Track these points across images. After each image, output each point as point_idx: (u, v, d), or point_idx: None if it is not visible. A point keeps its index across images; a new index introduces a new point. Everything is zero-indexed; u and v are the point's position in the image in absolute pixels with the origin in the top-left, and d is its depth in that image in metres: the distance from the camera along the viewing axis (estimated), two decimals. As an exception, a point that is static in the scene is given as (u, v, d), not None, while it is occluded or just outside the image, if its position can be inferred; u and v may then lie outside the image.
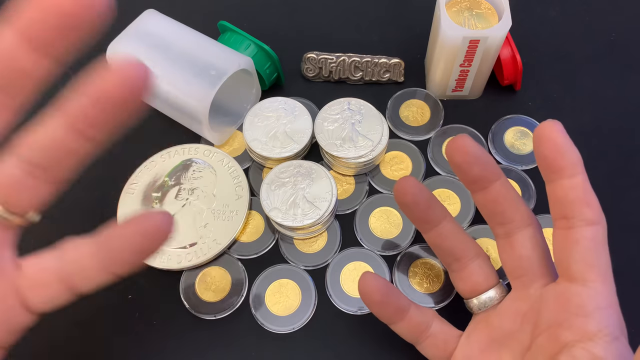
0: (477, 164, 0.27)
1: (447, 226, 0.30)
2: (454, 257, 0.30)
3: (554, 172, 0.25)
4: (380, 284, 0.29)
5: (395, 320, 0.30)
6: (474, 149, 0.27)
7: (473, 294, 0.30)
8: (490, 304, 0.30)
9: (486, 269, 0.30)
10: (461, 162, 0.27)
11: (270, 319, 0.35)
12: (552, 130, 0.25)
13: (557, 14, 0.45)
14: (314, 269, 0.36)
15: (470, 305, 0.31)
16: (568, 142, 0.25)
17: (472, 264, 0.30)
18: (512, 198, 0.28)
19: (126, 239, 0.23)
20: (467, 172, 0.27)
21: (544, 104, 0.41)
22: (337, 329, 0.35)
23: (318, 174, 0.37)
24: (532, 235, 0.28)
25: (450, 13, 0.37)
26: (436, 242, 0.30)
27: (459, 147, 0.27)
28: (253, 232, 0.37)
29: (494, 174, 0.28)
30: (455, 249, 0.30)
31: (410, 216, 0.30)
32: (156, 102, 0.40)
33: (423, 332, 0.30)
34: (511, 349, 0.27)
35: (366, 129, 0.38)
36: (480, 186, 0.28)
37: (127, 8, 0.45)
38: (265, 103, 0.39)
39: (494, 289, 0.30)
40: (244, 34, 0.40)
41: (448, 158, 0.28)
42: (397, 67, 0.42)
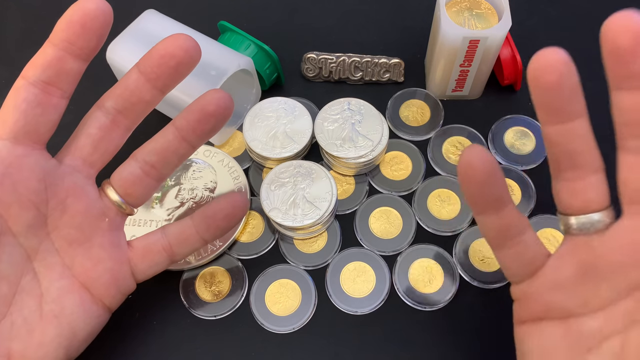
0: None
1: (581, 125, 0.24)
2: (574, 164, 0.24)
3: (633, 76, 0.21)
4: (488, 159, 0.24)
5: (489, 211, 0.25)
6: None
7: (578, 212, 0.24)
8: (594, 227, 0.24)
9: (604, 187, 0.24)
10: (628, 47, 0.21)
11: (270, 319, 0.35)
12: (631, 20, 0.20)
13: (557, 14, 0.45)
14: (314, 269, 0.36)
15: (568, 223, 0.25)
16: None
17: (591, 177, 0.24)
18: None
19: (218, 207, 0.31)
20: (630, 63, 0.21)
21: (544, 104, 0.41)
22: (337, 329, 0.35)
23: (318, 174, 0.37)
24: None
25: (450, 13, 0.37)
26: (561, 141, 0.24)
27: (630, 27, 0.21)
28: (253, 232, 0.37)
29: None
30: (580, 155, 0.24)
31: (542, 101, 0.24)
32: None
33: (513, 237, 0.25)
34: (614, 283, 0.23)
35: (366, 129, 0.38)
36: (635, 84, 0.22)
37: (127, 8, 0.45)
38: (265, 103, 0.39)
39: (605, 211, 0.24)
40: (244, 34, 0.40)
41: (607, 39, 0.22)
42: (397, 67, 0.42)
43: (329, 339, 0.34)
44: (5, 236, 0.26)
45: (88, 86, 0.44)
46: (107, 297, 0.30)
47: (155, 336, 0.35)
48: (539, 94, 0.23)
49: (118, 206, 0.30)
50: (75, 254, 0.29)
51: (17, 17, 0.47)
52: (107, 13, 0.26)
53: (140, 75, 0.27)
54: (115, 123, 0.29)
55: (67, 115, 0.42)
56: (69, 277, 0.28)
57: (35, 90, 0.26)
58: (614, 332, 0.23)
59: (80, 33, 0.26)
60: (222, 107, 0.29)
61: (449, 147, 0.40)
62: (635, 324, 0.23)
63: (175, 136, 0.29)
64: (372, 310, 0.35)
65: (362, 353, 0.34)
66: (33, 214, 0.27)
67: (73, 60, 0.26)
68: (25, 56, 0.45)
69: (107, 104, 0.28)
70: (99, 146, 0.29)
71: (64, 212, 0.28)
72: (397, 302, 0.35)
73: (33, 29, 0.46)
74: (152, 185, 0.30)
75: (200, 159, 0.39)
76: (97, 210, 0.29)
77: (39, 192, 0.27)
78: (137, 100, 0.28)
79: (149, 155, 0.29)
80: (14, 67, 0.45)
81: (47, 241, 0.28)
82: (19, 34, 0.46)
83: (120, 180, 0.29)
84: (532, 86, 0.23)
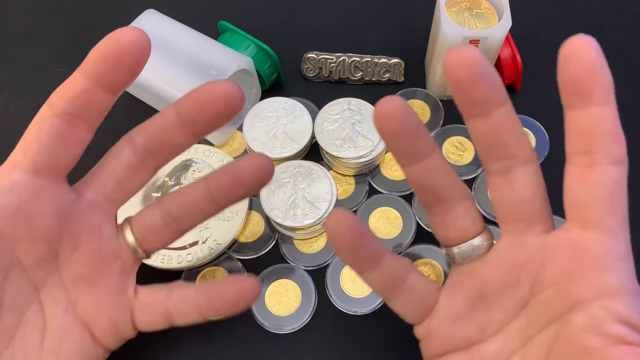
0: (484, 82, 0.22)
1: (434, 161, 0.24)
2: (438, 198, 0.25)
3: (582, 97, 0.21)
4: (353, 222, 0.24)
5: (366, 269, 0.26)
6: (482, 63, 0.21)
7: (457, 242, 0.25)
8: (476, 252, 0.25)
9: (473, 213, 0.25)
10: (465, 79, 0.21)
11: (270, 319, 0.35)
12: (586, 47, 0.21)
13: (557, 14, 0.45)
14: (314, 269, 0.36)
15: (452, 254, 0.26)
16: (603, 63, 0.21)
17: (458, 206, 0.25)
18: (517, 129, 0.23)
19: (224, 292, 0.28)
20: (470, 92, 0.22)
21: (544, 104, 0.41)
22: (337, 329, 0.35)
23: (318, 174, 0.37)
24: (534, 173, 0.24)
25: (450, 13, 0.37)
26: (419, 179, 0.25)
27: (465, 60, 0.21)
28: (253, 232, 0.37)
29: (501, 98, 0.22)
30: (441, 189, 0.25)
31: (392, 145, 0.24)
32: (156, 102, 0.40)
33: (398, 285, 0.26)
34: (504, 305, 0.24)
35: (366, 129, 0.38)
36: (482, 111, 0.22)
37: (127, 8, 0.45)
38: (265, 103, 0.39)
39: (481, 235, 0.25)
40: (244, 34, 0.40)
41: (447, 73, 0.22)
42: (397, 67, 0.42)
43: (329, 339, 0.34)
44: (14, 268, 0.26)
45: (88, 86, 0.44)
46: (106, 340, 0.29)
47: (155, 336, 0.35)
48: (387, 140, 0.24)
49: (133, 250, 0.29)
50: (81, 292, 0.28)
51: (17, 17, 0.47)
52: (144, 48, 0.24)
53: (176, 117, 0.26)
54: (143, 162, 0.27)
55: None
56: (72, 314, 0.28)
57: (61, 123, 0.25)
58: (513, 351, 0.24)
59: (114, 68, 0.24)
60: (260, 177, 0.26)
61: (449, 147, 0.40)
62: (529, 340, 0.23)
63: (205, 194, 0.27)
64: (372, 310, 0.35)
65: (362, 353, 0.34)
66: (45, 248, 0.26)
67: (103, 94, 0.25)
68: (25, 56, 0.45)
69: (138, 140, 0.27)
70: (123, 184, 0.27)
71: (76, 248, 0.27)
72: (397, 302, 0.35)
73: (33, 29, 0.46)
74: (170, 237, 0.29)
75: (200, 159, 0.39)
76: (110, 250, 0.28)
77: (54, 228, 0.26)
78: (170, 143, 0.26)
79: (174, 208, 0.28)
80: (14, 67, 0.45)
81: (56, 275, 0.27)
82: (19, 34, 0.46)
83: (140, 226, 0.28)
84: (380, 133, 0.24)
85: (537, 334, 0.23)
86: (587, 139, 0.22)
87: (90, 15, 0.47)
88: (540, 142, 0.40)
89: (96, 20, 0.46)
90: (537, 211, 0.24)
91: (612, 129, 0.22)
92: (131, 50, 0.24)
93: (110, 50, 0.24)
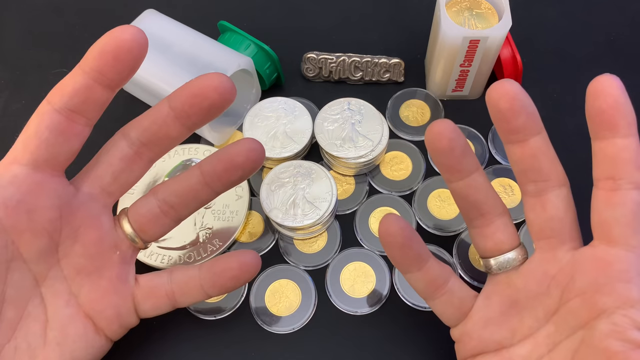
0: (523, 112, 0.25)
1: (478, 178, 0.27)
2: (480, 212, 0.28)
3: (608, 129, 0.24)
4: (404, 226, 0.27)
5: (412, 269, 0.28)
6: (522, 95, 0.25)
7: (494, 253, 0.28)
8: (511, 265, 0.28)
9: (511, 229, 0.28)
10: (507, 109, 0.25)
11: (270, 319, 0.35)
12: (612, 85, 0.24)
13: (557, 14, 0.45)
14: (314, 269, 0.36)
15: (489, 264, 0.28)
16: (627, 100, 0.24)
17: (497, 221, 0.28)
18: (551, 155, 0.26)
19: (227, 265, 0.30)
20: (511, 121, 0.25)
21: (544, 104, 0.41)
22: (337, 329, 0.35)
23: (318, 174, 0.37)
24: (566, 195, 0.26)
25: (450, 13, 0.37)
26: (464, 194, 0.28)
27: (507, 92, 0.25)
28: (253, 232, 0.37)
29: (537, 127, 0.25)
30: (483, 204, 0.27)
31: (441, 163, 0.27)
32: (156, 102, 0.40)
33: (439, 287, 0.28)
34: (534, 312, 0.26)
35: (366, 129, 0.38)
36: (520, 138, 0.25)
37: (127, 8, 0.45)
38: (265, 103, 0.39)
39: (517, 249, 0.28)
40: (244, 34, 0.40)
41: (491, 104, 0.25)
42: (397, 67, 0.42)
43: (329, 339, 0.34)
44: (15, 262, 0.26)
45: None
46: (109, 329, 0.29)
47: (155, 336, 0.35)
48: (436, 156, 0.27)
49: (131, 240, 0.29)
50: (83, 283, 0.28)
51: (17, 17, 0.47)
52: (142, 45, 0.25)
53: (170, 111, 0.27)
54: (139, 155, 0.28)
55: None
56: (74, 305, 0.28)
57: (60, 118, 0.25)
58: (541, 356, 0.26)
59: (113, 64, 0.25)
60: (252, 160, 0.28)
61: (449, 147, 0.40)
62: (556, 346, 0.25)
63: (200, 181, 0.28)
64: (372, 310, 0.35)
65: (362, 353, 0.34)
66: (45, 241, 0.27)
67: (102, 90, 0.25)
68: (25, 56, 0.45)
69: (132, 134, 0.28)
70: (120, 177, 0.28)
71: (76, 240, 0.28)
72: (397, 302, 0.35)
73: (33, 29, 0.46)
74: (168, 225, 0.30)
75: (200, 159, 0.39)
76: (109, 241, 0.29)
77: (54, 220, 0.27)
78: (164, 136, 0.27)
79: (170, 196, 0.29)
80: (14, 67, 0.45)
81: (57, 268, 0.28)
82: (19, 34, 0.46)
83: (137, 215, 0.29)
84: (429, 151, 0.27)
85: (564, 340, 0.25)
86: (612, 165, 0.24)
87: (90, 15, 0.47)
88: (540, 142, 0.40)
89: (96, 20, 0.46)
90: (567, 230, 0.26)
91: (635, 158, 0.24)
92: (129, 48, 0.24)
93: (109, 48, 0.24)
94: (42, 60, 0.45)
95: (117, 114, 0.42)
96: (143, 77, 0.38)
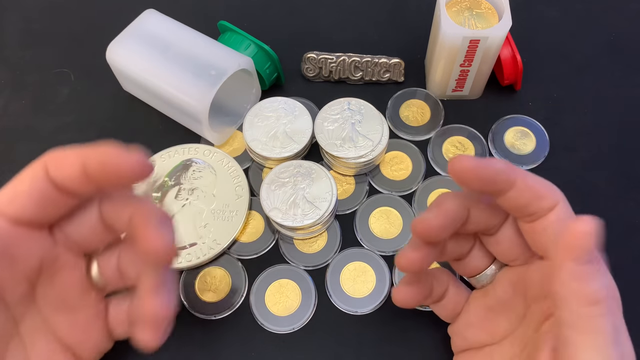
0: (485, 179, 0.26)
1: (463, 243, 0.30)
2: (461, 257, 0.31)
3: (499, 188, 0.26)
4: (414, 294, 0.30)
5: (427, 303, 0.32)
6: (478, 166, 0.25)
7: (475, 273, 0.31)
8: (489, 280, 0.31)
9: (483, 252, 0.31)
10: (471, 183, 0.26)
11: (270, 319, 0.35)
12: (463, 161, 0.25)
13: (557, 14, 0.45)
14: (314, 269, 0.36)
15: (471, 282, 0.32)
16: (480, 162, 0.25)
17: (471, 253, 0.31)
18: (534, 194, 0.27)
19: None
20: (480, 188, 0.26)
21: (544, 104, 0.41)
22: (337, 329, 0.35)
23: (318, 174, 0.37)
24: (511, 224, 0.29)
25: (450, 13, 0.37)
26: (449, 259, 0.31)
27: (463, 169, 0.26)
28: (253, 232, 0.37)
29: (507, 183, 0.26)
30: (463, 253, 0.30)
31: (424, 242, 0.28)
32: (156, 102, 0.40)
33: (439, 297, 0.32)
34: (508, 317, 0.29)
35: (366, 129, 0.38)
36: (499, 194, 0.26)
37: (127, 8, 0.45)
38: (265, 103, 0.39)
39: (492, 265, 0.31)
40: (244, 34, 0.40)
41: (456, 180, 0.26)
42: (397, 67, 0.42)
43: (329, 339, 0.34)
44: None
45: (88, 85, 0.44)
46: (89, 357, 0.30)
47: (155, 336, 0.35)
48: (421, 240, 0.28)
49: (102, 285, 0.30)
50: (61, 320, 0.29)
51: (17, 17, 0.47)
52: (145, 176, 0.25)
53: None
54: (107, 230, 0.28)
55: (68, 115, 0.42)
56: (53, 341, 0.29)
57: (53, 189, 0.25)
58: (514, 355, 0.28)
59: (110, 181, 0.25)
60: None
61: (449, 147, 0.40)
62: (526, 345, 0.28)
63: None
64: (372, 310, 0.35)
65: (362, 353, 0.34)
66: (25, 286, 0.27)
67: (94, 188, 0.26)
68: (25, 56, 0.45)
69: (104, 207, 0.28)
70: (96, 236, 0.28)
71: (53, 284, 0.28)
72: (397, 302, 0.35)
73: (33, 29, 0.46)
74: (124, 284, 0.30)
75: (200, 159, 0.39)
76: (84, 284, 0.29)
77: (35, 269, 0.27)
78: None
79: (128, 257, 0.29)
80: (14, 67, 0.45)
81: (34, 308, 0.28)
82: (19, 34, 0.46)
83: (105, 267, 0.30)
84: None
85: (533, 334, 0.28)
86: (521, 209, 0.26)
87: (90, 15, 0.47)
88: (540, 142, 0.40)
89: (96, 20, 0.46)
90: (521, 250, 0.29)
91: (534, 194, 0.26)
92: (133, 177, 0.25)
93: (115, 168, 0.25)
94: (42, 60, 0.45)
95: (117, 114, 0.42)
96: (143, 77, 0.38)
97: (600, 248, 0.24)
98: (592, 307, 0.23)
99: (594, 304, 0.23)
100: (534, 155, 0.39)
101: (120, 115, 0.42)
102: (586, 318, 0.23)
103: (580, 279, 0.23)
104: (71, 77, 0.44)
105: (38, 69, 0.44)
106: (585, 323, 0.23)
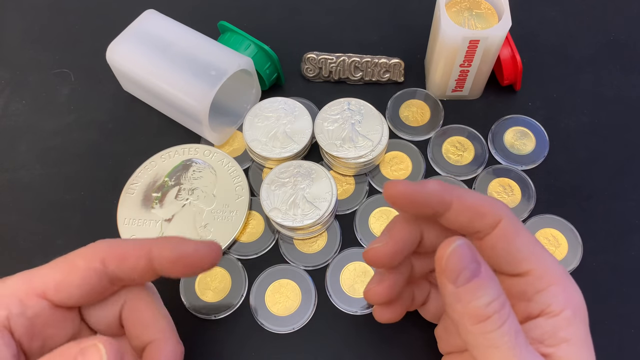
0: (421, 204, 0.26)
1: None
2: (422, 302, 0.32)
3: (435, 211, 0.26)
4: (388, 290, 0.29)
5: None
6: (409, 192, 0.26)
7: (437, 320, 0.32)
8: None
9: (437, 301, 0.32)
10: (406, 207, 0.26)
11: (270, 319, 0.35)
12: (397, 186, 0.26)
13: (557, 14, 0.45)
14: (314, 269, 0.36)
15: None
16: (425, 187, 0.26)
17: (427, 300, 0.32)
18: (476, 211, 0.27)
19: None
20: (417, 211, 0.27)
21: (544, 104, 0.41)
22: (337, 329, 0.35)
23: (318, 174, 0.37)
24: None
25: (450, 13, 0.37)
26: None
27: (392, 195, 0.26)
28: (253, 232, 0.37)
29: (442, 205, 0.26)
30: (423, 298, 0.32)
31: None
32: (156, 102, 0.40)
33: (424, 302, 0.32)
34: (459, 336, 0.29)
35: (366, 129, 0.38)
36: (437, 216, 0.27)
37: (127, 8, 0.45)
38: (265, 103, 0.39)
39: None
40: (244, 34, 0.40)
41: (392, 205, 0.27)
42: (397, 67, 0.42)
43: (329, 339, 0.34)
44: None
45: (88, 85, 0.44)
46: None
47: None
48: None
49: None
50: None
51: (17, 17, 0.47)
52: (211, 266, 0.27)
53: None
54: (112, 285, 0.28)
55: (69, 115, 0.42)
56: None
57: (106, 282, 0.27)
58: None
59: (177, 271, 0.26)
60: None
61: (449, 147, 0.40)
62: None
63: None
64: (372, 310, 0.35)
65: (362, 353, 0.34)
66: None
67: (154, 275, 0.27)
68: (25, 56, 0.45)
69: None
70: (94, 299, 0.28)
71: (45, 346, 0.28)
72: (397, 302, 0.35)
73: (33, 29, 0.46)
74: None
75: (200, 159, 0.39)
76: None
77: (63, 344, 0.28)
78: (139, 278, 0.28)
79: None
80: (14, 67, 0.45)
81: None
82: (19, 34, 0.46)
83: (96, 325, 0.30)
84: None
85: None
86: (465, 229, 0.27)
87: (90, 15, 0.47)
88: (540, 142, 0.40)
89: (96, 20, 0.46)
90: None
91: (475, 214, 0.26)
92: (206, 267, 0.27)
93: (189, 261, 0.26)
94: (42, 60, 0.45)
95: (117, 114, 0.42)
96: (143, 77, 0.38)
97: (477, 261, 0.23)
98: (483, 324, 0.23)
99: (484, 319, 0.23)
100: (534, 155, 0.39)
101: (120, 115, 0.42)
102: (480, 335, 0.23)
103: (462, 299, 0.23)
104: (71, 77, 0.44)
105: (38, 69, 0.44)
106: (482, 341, 0.23)
